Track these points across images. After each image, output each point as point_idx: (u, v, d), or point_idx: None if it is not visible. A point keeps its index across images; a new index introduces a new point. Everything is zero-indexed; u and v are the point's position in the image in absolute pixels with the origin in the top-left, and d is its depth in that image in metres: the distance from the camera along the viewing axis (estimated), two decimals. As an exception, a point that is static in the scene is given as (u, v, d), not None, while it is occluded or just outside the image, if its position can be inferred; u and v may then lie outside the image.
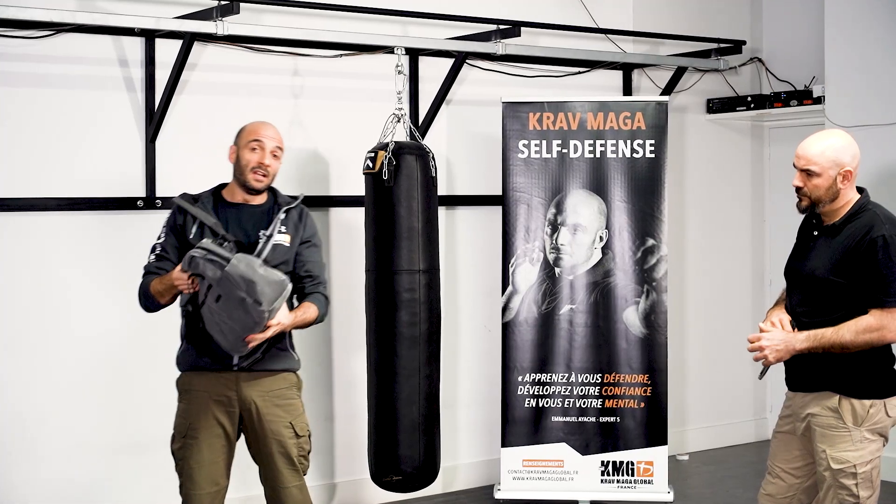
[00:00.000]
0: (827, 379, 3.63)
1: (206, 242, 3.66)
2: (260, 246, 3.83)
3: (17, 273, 4.72)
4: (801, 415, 3.72)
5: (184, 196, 3.93)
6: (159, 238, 3.93)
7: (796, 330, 3.64)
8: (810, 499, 3.78)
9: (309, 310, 3.90)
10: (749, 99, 6.60)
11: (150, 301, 3.87)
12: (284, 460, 3.91)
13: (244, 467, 4.12)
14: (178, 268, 3.68)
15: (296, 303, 3.94)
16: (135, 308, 4.92)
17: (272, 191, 3.99)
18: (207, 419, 3.86)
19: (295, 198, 4.00)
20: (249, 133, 3.92)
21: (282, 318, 3.71)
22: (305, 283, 3.95)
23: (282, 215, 3.90)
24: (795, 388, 3.76)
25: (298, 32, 5.02)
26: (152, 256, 3.90)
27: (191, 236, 3.84)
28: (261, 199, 3.95)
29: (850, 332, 3.51)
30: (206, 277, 3.61)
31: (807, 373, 3.68)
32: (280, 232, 3.89)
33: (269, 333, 3.69)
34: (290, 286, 3.70)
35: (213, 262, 3.60)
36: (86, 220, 4.84)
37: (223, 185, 3.99)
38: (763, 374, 3.77)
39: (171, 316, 5.01)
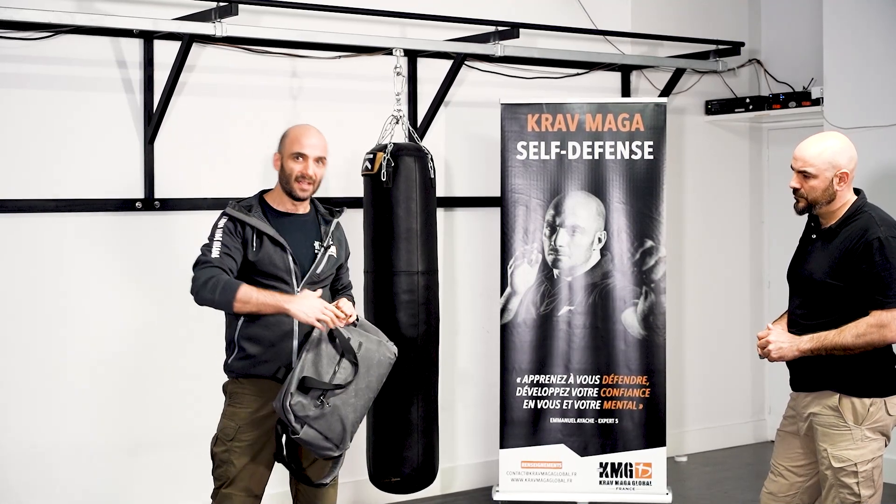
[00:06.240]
0: (827, 378, 3.65)
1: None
2: (318, 257, 3.86)
3: (16, 275, 4.71)
4: (803, 415, 3.74)
5: (235, 206, 3.81)
6: (215, 237, 3.74)
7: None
8: (812, 499, 3.80)
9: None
10: (747, 100, 6.60)
11: (226, 299, 3.62)
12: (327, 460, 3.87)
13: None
14: (343, 302, 3.71)
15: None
16: (134, 309, 4.95)
17: (310, 199, 3.98)
18: (257, 425, 3.80)
19: (335, 209, 4.01)
20: (292, 142, 3.87)
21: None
22: (339, 294, 4.03)
23: (332, 227, 3.93)
24: (798, 388, 3.79)
25: (297, 34, 5.01)
26: (215, 252, 3.69)
27: (254, 249, 3.75)
28: (305, 209, 3.94)
29: (852, 333, 3.55)
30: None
31: (808, 373, 3.71)
32: (330, 244, 3.93)
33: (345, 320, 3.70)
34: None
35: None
36: (84, 222, 4.83)
37: (265, 192, 3.96)
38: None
39: (172, 316, 5.03)
